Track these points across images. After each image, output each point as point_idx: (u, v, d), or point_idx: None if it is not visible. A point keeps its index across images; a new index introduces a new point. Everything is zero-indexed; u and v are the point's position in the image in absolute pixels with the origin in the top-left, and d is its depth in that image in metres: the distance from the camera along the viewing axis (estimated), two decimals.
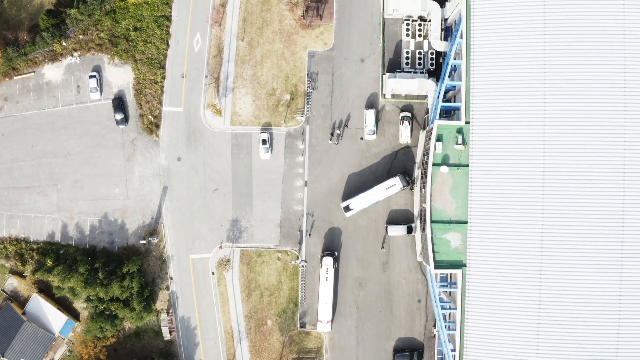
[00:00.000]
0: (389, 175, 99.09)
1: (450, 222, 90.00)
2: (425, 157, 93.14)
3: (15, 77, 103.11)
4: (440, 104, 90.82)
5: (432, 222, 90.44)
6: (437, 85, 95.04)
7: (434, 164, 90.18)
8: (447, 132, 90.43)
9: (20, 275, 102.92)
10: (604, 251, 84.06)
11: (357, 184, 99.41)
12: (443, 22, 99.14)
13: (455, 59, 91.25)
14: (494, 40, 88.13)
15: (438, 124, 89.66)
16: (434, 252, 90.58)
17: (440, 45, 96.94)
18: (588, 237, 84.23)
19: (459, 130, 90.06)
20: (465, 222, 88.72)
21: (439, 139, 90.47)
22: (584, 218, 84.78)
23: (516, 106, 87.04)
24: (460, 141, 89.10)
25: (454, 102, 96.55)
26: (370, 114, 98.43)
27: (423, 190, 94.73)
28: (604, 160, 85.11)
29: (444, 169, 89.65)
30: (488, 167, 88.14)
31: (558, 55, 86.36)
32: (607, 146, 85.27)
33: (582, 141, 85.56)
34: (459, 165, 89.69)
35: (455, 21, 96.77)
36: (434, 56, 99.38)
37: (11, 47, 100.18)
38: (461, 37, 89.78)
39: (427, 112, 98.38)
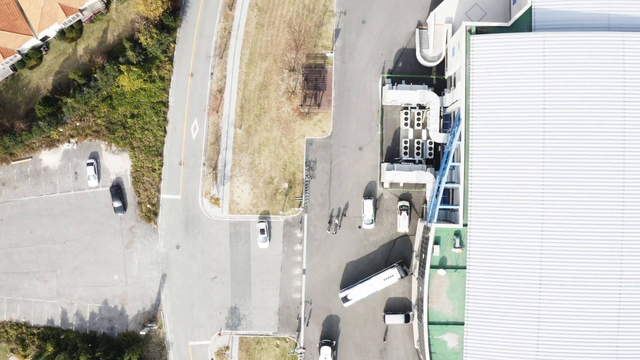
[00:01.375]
0: (387, 264, 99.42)
1: (447, 323, 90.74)
2: (423, 252, 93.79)
3: (13, 162, 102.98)
4: (439, 206, 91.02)
5: (429, 323, 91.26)
6: (435, 178, 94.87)
7: (431, 267, 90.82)
8: (444, 234, 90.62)
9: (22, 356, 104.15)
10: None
11: (355, 272, 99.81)
12: (442, 110, 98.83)
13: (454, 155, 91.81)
14: (494, 143, 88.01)
15: (436, 227, 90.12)
16: (431, 352, 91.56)
17: (439, 137, 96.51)
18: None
19: (457, 233, 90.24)
20: (462, 324, 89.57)
21: (436, 241, 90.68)
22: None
23: (514, 210, 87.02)
24: (457, 244, 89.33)
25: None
26: (368, 204, 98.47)
27: (420, 282, 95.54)
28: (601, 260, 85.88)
29: (441, 272, 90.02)
30: (486, 270, 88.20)
31: (556, 160, 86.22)
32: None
33: (579, 241, 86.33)
34: (456, 268, 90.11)
35: (454, 112, 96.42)
36: (432, 145, 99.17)
37: (8, 135, 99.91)
38: (459, 139, 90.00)
39: (425, 202, 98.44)
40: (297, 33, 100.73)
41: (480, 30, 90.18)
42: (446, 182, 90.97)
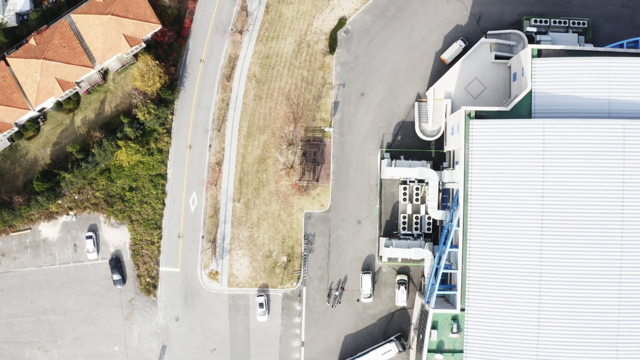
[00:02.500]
0: (385, 337, 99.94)
1: None
2: (421, 332, 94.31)
3: (12, 234, 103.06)
4: (437, 290, 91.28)
5: None
6: (433, 254, 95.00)
7: (429, 351, 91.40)
8: (442, 319, 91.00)
9: None
10: None
11: (354, 345, 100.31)
12: (441, 184, 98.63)
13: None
14: (492, 229, 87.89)
15: (433, 312, 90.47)
16: None
17: (438, 214, 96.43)
18: None
19: (454, 318, 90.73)
20: None
21: (434, 326, 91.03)
22: None
23: (512, 296, 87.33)
24: (455, 329, 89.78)
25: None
26: (367, 278, 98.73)
27: (418, 354, 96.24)
28: None
29: (438, 356, 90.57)
30: (483, 354, 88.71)
31: (554, 248, 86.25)
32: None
33: (576, 329, 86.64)
34: (453, 352, 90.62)
35: (452, 189, 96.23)
36: (431, 220, 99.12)
37: (6, 210, 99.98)
38: (458, 225, 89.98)
39: (423, 275, 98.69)
40: (296, 106, 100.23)
41: (479, 115, 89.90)
42: (444, 267, 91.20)
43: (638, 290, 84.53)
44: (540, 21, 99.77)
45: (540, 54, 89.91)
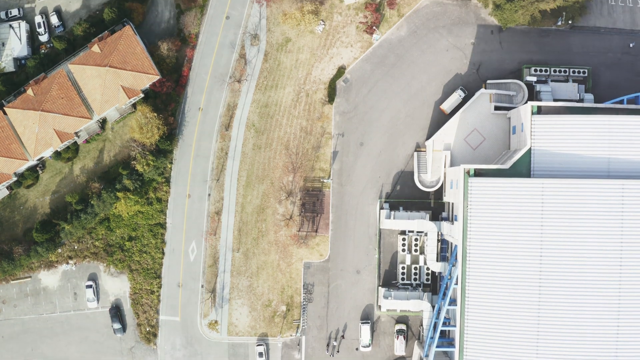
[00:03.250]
0: None
1: None
2: None
3: (12, 282, 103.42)
4: (435, 344, 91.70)
5: None
6: (432, 306, 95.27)
7: None
8: None
9: None
10: None
11: None
12: (439, 234, 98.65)
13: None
14: (490, 287, 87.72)
15: None
16: None
17: (437, 266, 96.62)
18: None
19: None
20: None
21: None
22: None
23: (510, 355, 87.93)
24: None
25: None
26: (366, 328, 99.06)
27: None
28: None
29: None
30: None
31: (552, 307, 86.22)
32: None
33: None
34: None
35: (451, 243, 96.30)
36: (429, 271, 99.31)
37: (6, 260, 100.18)
38: (456, 282, 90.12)
39: (422, 324, 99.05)
40: (295, 155, 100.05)
41: (478, 172, 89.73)
42: (442, 325, 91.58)
43: (636, 352, 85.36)
44: (540, 70, 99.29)
45: (539, 110, 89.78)
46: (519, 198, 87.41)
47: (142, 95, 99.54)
